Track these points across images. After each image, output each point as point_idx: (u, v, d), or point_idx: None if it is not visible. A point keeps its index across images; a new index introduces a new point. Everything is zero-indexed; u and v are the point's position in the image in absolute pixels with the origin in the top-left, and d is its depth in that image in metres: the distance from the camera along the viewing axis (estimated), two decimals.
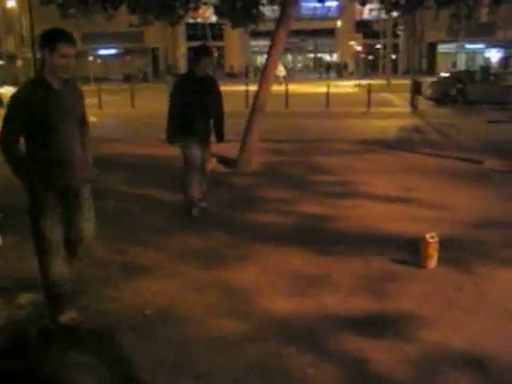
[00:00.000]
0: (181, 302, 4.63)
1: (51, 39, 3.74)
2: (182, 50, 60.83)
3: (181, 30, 56.90)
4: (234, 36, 55.84)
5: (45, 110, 3.78)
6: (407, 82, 26.32)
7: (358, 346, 3.91)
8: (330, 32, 60.70)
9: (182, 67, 56.43)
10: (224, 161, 10.35)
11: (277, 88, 19.43)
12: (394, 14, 20.11)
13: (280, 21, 10.02)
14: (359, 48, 50.56)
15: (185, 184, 7.07)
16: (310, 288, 4.91)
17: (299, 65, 71.54)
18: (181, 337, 4.06)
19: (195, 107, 6.77)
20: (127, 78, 52.30)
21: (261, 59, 59.78)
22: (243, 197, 8.24)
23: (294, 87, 27.75)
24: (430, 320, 4.30)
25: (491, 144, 12.75)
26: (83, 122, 4.25)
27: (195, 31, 56.72)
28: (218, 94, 7.05)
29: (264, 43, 49.49)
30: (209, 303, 4.62)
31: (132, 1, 13.33)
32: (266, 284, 5.01)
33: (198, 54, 6.81)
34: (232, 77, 55.59)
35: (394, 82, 38.11)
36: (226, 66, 63.13)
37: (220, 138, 7.19)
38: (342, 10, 57.31)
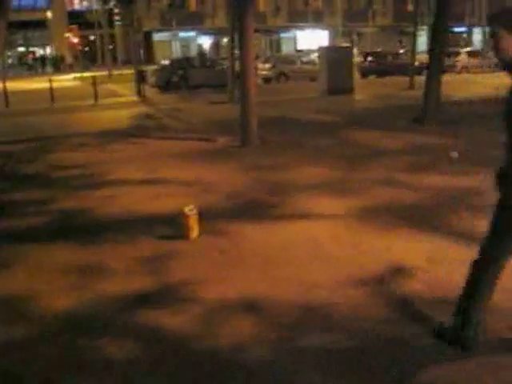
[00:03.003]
0: None
1: None
2: None
3: None
4: None
5: None
6: (128, 71, 26.74)
7: (146, 318, 4.18)
8: (41, 23, 57.61)
9: None
10: None
11: None
12: (109, 4, 20.13)
13: None
14: (75, 40, 49.19)
15: None
16: (86, 279, 4.96)
17: (10, 60, 66.41)
18: None
19: None
20: None
21: None
22: None
23: (9, 84, 25.95)
24: (204, 282, 4.78)
25: (217, 123, 13.95)
26: None
27: None
28: None
29: None
30: None
31: None
32: (38, 285, 4.89)
33: None
34: None
35: (115, 72, 38.21)
36: None
37: None
38: (50, 0, 54.87)
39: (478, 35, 62.01)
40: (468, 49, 37.53)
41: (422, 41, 43.86)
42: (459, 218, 6.28)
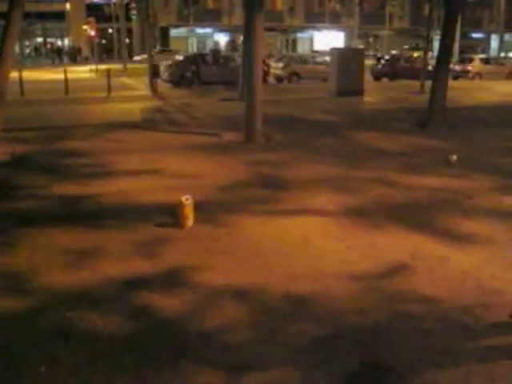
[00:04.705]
0: None
1: None
2: None
3: None
4: None
5: None
6: (143, 65, 26.99)
7: (137, 298, 4.45)
8: (60, 15, 58.15)
9: None
10: None
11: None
12: None
13: (12, 2, 9.64)
14: (92, 32, 49.70)
15: None
16: (84, 260, 5.24)
17: (27, 50, 67.03)
18: None
19: None
20: None
21: None
22: None
23: (26, 74, 26.33)
24: (194, 267, 5.04)
25: (225, 119, 14.19)
26: None
27: None
28: None
29: None
30: None
31: None
32: (39, 263, 5.18)
33: None
34: None
35: (131, 66, 38.53)
36: None
37: None
38: None
39: (495, 42, 61.71)
40: (482, 55, 37.38)
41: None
42: (446, 219, 6.47)
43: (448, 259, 5.28)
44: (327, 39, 54.75)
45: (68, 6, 56.27)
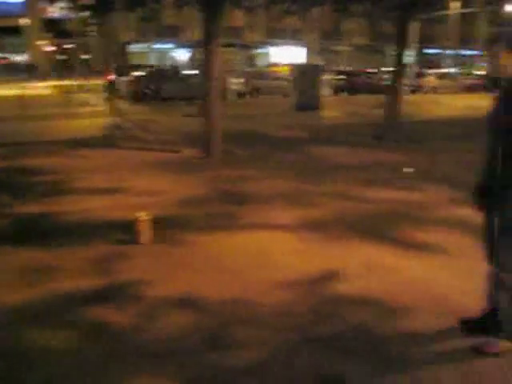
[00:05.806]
0: None
1: None
2: None
3: None
4: None
5: None
6: (102, 81, 26.76)
7: (92, 313, 4.45)
8: (17, 30, 57.30)
9: None
10: None
11: None
12: (85, 13, 20.21)
13: None
14: (51, 48, 49.14)
15: None
16: (40, 278, 5.19)
17: None
18: None
19: None
20: None
21: None
22: None
23: None
24: (149, 282, 5.07)
25: (185, 135, 14.24)
26: None
27: None
28: None
29: None
30: None
31: None
32: None
33: None
34: None
35: (90, 82, 38.21)
36: None
37: None
38: (28, 7, 54.64)
39: (450, 57, 63.50)
40: (436, 70, 38.56)
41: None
42: (401, 230, 6.66)
43: (399, 269, 5.44)
44: (287, 55, 55.44)
45: (25, 21, 55.52)
